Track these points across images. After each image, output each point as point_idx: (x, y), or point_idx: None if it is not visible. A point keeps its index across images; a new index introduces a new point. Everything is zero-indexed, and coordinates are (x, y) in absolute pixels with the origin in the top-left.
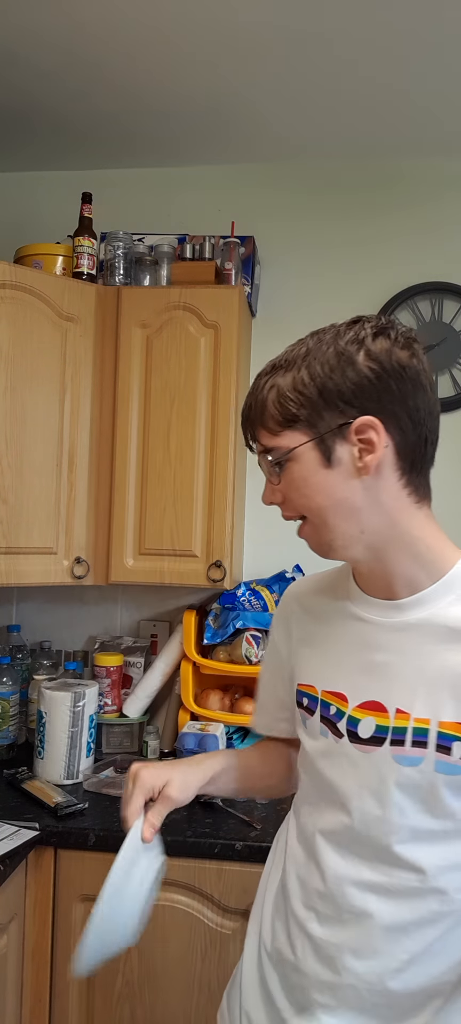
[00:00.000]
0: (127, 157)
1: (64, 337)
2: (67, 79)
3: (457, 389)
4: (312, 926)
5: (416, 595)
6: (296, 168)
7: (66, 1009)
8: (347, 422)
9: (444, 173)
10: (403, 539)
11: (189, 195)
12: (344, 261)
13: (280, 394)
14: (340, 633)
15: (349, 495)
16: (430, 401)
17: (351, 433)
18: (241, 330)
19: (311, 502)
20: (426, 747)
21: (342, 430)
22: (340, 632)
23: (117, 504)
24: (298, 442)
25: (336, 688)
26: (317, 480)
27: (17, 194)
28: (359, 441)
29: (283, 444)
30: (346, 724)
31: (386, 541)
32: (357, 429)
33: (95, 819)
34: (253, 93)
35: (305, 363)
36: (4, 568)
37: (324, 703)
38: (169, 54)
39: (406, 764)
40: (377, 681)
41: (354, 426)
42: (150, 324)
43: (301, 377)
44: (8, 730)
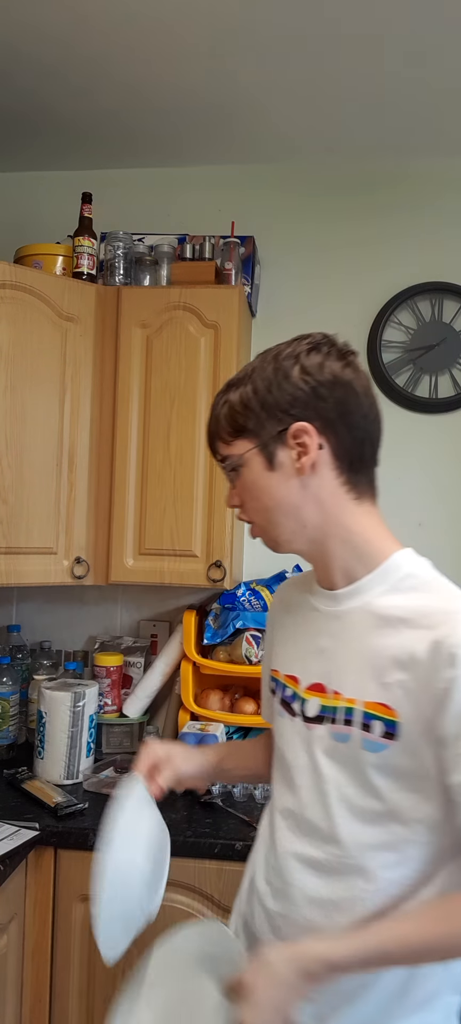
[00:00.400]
0: (127, 157)
1: (64, 337)
2: (67, 79)
3: (457, 389)
4: (268, 900)
5: (352, 585)
6: (296, 168)
7: (66, 1009)
8: (284, 428)
9: (444, 173)
10: (340, 533)
11: (189, 195)
12: (344, 261)
13: (231, 408)
14: (300, 622)
15: (290, 494)
16: (364, 406)
17: (288, 438)
18: (241, 330)
19: (259, 503)
20: (352, 725)
21: (281, 436)
22: (301, 621)
23: (117, 504)
24: (246, 449)
25: (292, 671)
26: (263, 482)
27: (17, 194)
28: (296, 445)
29: (235, 452)
30: (300, 705)
31: (325, 535)
32: (293, 434)
33: (95, 819)
34: (253, 93)
35: (250, 380)
36: (4, 568)
37: (284, 685)
38: (169, 54)
39: (339, 740)
40: (321, 665)
41: (290, 432)
42: (150, 324)
43: (247, 392)
44: (8, 730)
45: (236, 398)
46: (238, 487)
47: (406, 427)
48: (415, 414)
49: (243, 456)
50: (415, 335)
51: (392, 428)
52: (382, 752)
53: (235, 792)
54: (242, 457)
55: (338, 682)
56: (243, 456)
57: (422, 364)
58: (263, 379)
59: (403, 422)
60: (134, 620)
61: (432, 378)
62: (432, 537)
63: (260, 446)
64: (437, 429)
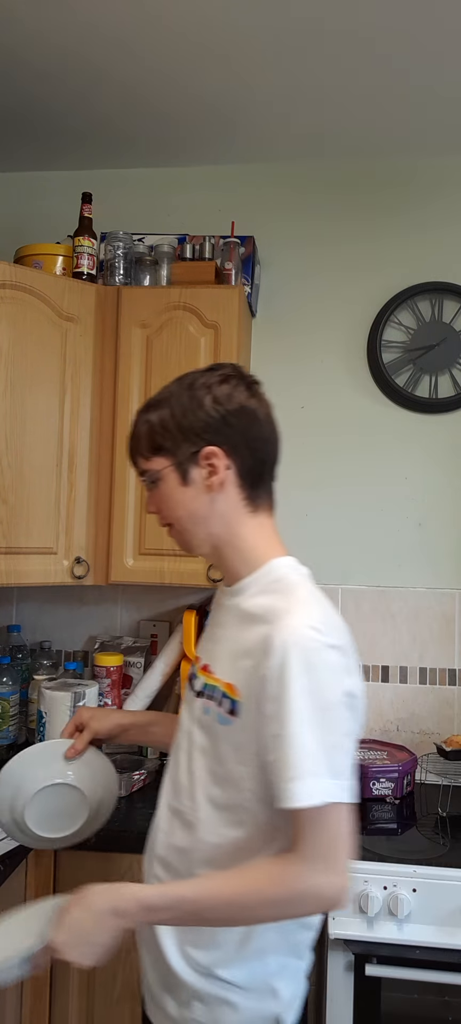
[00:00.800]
0: (127, 157)
1: (64, 337)
2: (67, 80)
3: (457, 389)
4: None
5: (236, 585)
6: (296, 168)
7: (66, 1009)
8: (197, 451)
9: (444, 173)
10: (234, 541)
11: (189, 195)
12: (344, 261)
13: (150, 428)
14: (212, 614)
15: (200, 507)
16: (265, 431)
17: (200, 459)
18: (241, 330)
19: (174, 513)
20: (213, 700)
21: (194, 457)
22: (215, 609)
23: (117, 504)
24: (163, 466)
25: (198, 653)
26: (177, 496)
27: (17, 194)
28: (207, 465)
29: (153, 467)
30: (194, 681)
31: (224, 542)
32: (204, 456)
33: None
34: (253, 93)
35: (168, 404)
36: (4, 568)
37: (193, 664)
38: (169, 54)
39: (205, 712)
40: (211, 649)
41: (202, 454)
42: (150, 324)
43: (165, 415)
44: (8, 730)
45: (156, 419)
46: (155, 497)
47: (406, 427)
48: (415, 414)
49: (160, 472)
50: (415, 335)
51: (392, 428)
52: (227, 726)
53: None
54: (160, 472)
55: (214, 664)
56: (160, 472)
57: (422, 364)
58: (179, 405)
59: (403, 422)
60: (134, 620)
61: (432, 378)
62: (432, 537)
63: (176, 464)
64: (437, 429)
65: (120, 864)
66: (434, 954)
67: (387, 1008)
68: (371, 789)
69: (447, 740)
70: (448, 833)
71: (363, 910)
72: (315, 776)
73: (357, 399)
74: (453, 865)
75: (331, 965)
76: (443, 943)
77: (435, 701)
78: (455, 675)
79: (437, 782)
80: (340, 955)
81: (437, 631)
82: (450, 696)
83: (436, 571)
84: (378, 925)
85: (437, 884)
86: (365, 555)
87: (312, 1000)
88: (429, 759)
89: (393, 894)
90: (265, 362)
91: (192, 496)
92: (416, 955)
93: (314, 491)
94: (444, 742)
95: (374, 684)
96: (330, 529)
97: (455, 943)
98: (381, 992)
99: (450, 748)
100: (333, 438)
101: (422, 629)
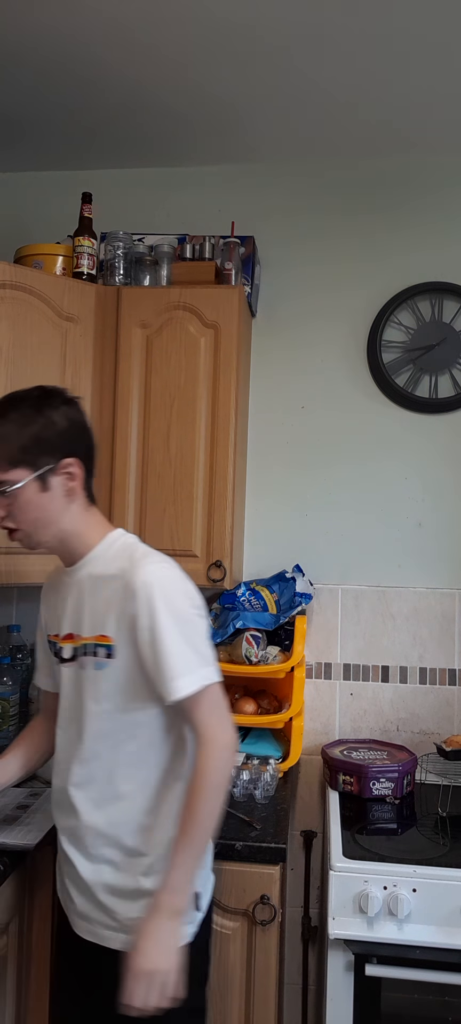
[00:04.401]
0: (127, 157)
1: (64, 337)
2: (67, 80)
3: (457, 389)
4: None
5: (80, 561)
6: (296, 168)
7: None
8: (57, 462)
9: (444, 173)
10: (79, 530)
11: (189, 195)
12: (344, 261)
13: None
14: (57, 594)
15: (56, 509)
16: (93, 440)
17: (59, 469)
18: (241, 330)
19: (29, 516)
20: (87, 655)
21: (54, 468)
22: (57, 594)
23: (117, 504)
24: (22, 477)
25: (54, 631)
26: (36, 501)
27: (17, 194)
28: (65, 474)
29: (10, 479)
30: (59, 652)
31: (69, 534)
32: (64, 466)
33: None
34: (253, 93)
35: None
36: (4, 568)
37: (53, 643)
38: (169, 54)
39: (81, 668)
40: (68, 620)
41: (61, 465)
42: (150, 324)
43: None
44: (8, 730)
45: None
46: (7, 503)
47: (406, 427)
48: (415, 414)
49: (21, 483)
50: (415, 335)
51: (392, 428)
52: (105, 669)
53: (235, 792)
54: (19, 483)
55: (79, 628)
56: (21, 483)
57: (422, 364)
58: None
59: (403, 422)
60: None
61: (432, 378)
62: (432, 537)
63: (36, 475)
64: (437, 429)
65: None
66: (434, 954)
67: (387, 1008)
68: (371, 789)
69: (447, 740)
70: (448, 833)
71: (363, 910)
72: (190, 670)
73: (357, 399)
74: (453, 865)
75: (331, 965)
76: (443, 943)
77: (435, 701)
78: (455, 675)
79: (437, 782)
80: (340, 955)
81: (437, 631)
82: (450, 696)
83: (436, 571)
84: (378, 925)
85: (437, 884)
86: (365, 555)
87: (312, 1000)
88: (429, 759)
89: (393, 894)
90: (265, 362)
91: (51, 501)
92: (416, 955)
93: (314, 491)
94: (444, 742)
95: (374, 684)
96: (330, 529)
97: (455, 943)
98: (381, 992)
99: (450, 748)
100: (333, 438)
101: (422, 629)
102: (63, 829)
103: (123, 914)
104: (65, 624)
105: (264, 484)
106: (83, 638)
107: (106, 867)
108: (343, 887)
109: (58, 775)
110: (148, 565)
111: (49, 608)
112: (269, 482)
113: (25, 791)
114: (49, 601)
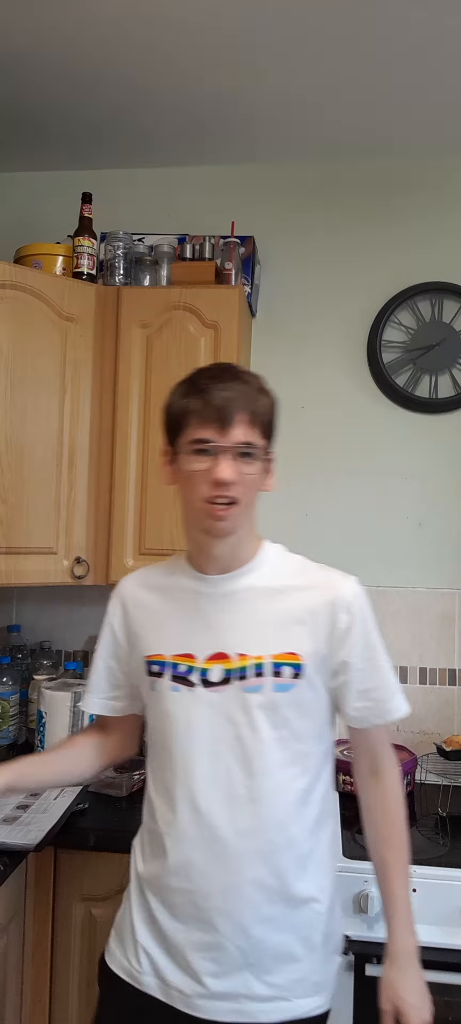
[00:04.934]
0: (127, 157)
1: (64, 337)
2: (68, 80)
3: (457, 389)
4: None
5: (241, 568)
6: (296, 168)
7: (66, 1009)
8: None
9: (444, 173)
10: (251, 530)
11: (189, 195)
12: (344, 261)
13: (271, 410)
14: (178, 607)
15: (255, 500)
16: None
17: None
18: (241, 330)
19: (249, 492)
20: (264, 676)
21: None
22: (178, 607)
23: (117, 504)
24: (269, 450)
25: (185, 650)
26: (258, 483)
27: (17, 194)
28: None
29: (260, 444)
30: (198, 675)
31: (247, 532)
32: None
33: (95, 819)
34: (253, 93)
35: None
36: (4, 568)
37: (173, 664)
38: (169, 55)
39: (251, 692)
40: (212, 637)
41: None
42: (150, 324)
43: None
44: (8, 730)
45: (273, 404)
46: (244, 471)
47: (406, 427)
48: (415, 414)
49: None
50: (415, 335)
51: (392, 428)
52: (290, 691)
53: None
54: (265, 454)
55: (242, 646)
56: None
57: (422, 364)
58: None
59: (403, 422)
60: None
61: (432, 378)
62: (432, 537)
63: (269, 452)
64: (437, 429)
65: (119, 864)
66: (434, 954)
67: None
68: None
69: (447, 740)
70: (448, 833)
71: (363, 910)
72: (400, 690)
73: (357, 399)
74: (453, 865)
75: None
76: (443, 943)
77: (435, 701)
78: (455, 675)
79: (437, 782)
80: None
81: (437, 631)
82: (450, 696)
83: (436, 571)
84: (378, 925)
85: (437, 884)
86: (365, 555)
87: None
88: (429, 759)
89: None
90: (265, 362)
91: (259, 483)
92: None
93: (314, 491)
94: (444, 742)
95: None
96: (330, 529)
97: (455, 943)
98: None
99: (450, 748)
100: (333, 438)
101: (422, 629)
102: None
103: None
104: (207, 641)
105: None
106: (252, 657)
107: (267, 926)
108: (343, 887)
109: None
110: (349, 579)
111: (153, 623)
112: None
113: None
114: (151, 615)
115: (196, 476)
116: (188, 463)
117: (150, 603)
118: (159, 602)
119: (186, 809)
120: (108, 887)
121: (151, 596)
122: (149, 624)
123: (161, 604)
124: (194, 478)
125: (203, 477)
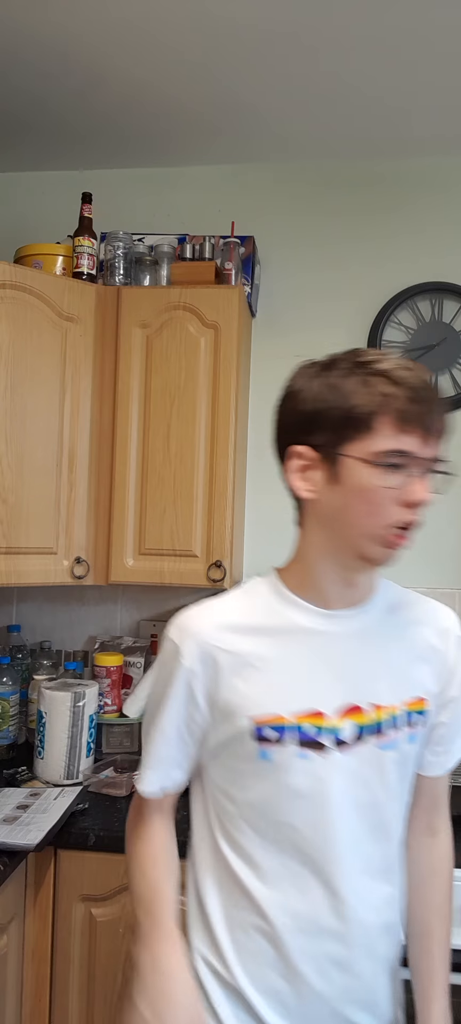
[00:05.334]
0: (127, 157)
1: (64, 337)
2: (67, 79)
3: (457, 389)
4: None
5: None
6: (296, 168)
7: (66, 1009)
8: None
9: (444, 174)
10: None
11: (189, 195)
12: (344, 261)
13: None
14: (294, 652)
15: None
16: None
17: None
18: (241, 330)
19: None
20: (398, 728)
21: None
22: (294, 652)
23: (117, 504)
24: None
25: (311, 707)
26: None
27: (17, 194)
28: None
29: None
30: (331, 737)
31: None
32: None
33: (95, 819)
34: (253, 93)
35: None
36: (4, 568)
37: (297, 727)
38: (169, 54)
39: (387, 749)
40: (345, 686)
41: None
42: (150, 324)
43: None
44: (8, 730)
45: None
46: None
47: None
48: None
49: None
50: (415, 335)
51: None
52: (416, 742)
53: None
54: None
55: (372, 695)
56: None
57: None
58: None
59: None
60: (134, 620)
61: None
62: (432, 537)
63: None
64: None
65: (119, 864)
66: None
67: None
68: None
69: None
70: None
71: None
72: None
73: None
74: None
75: None
76: None
77: None
78: None
79: None
80: None
81: None
82: None
83: (436, 571)
84: None
85: None
86: None
87: None
88: None
89: None
90: (265, 362)
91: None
92: None
93: None
94: None
95: None
96: None
97: (455, 943)
98: None
99: None
100: None
101: None
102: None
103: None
104: (336, 693)
105: (264, 484)
106: (387, 708)
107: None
108: None
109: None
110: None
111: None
112: (269, 482)
113: (25, 791)
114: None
115: (385, 496)
116: (373, 477)
117: (251, 650)
118: (265, 647)
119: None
120: (108, 887)
121: (250, 641)
122: (254, 678)
123: (268, 649)
124: (380, 497)
125: (395, 497)
